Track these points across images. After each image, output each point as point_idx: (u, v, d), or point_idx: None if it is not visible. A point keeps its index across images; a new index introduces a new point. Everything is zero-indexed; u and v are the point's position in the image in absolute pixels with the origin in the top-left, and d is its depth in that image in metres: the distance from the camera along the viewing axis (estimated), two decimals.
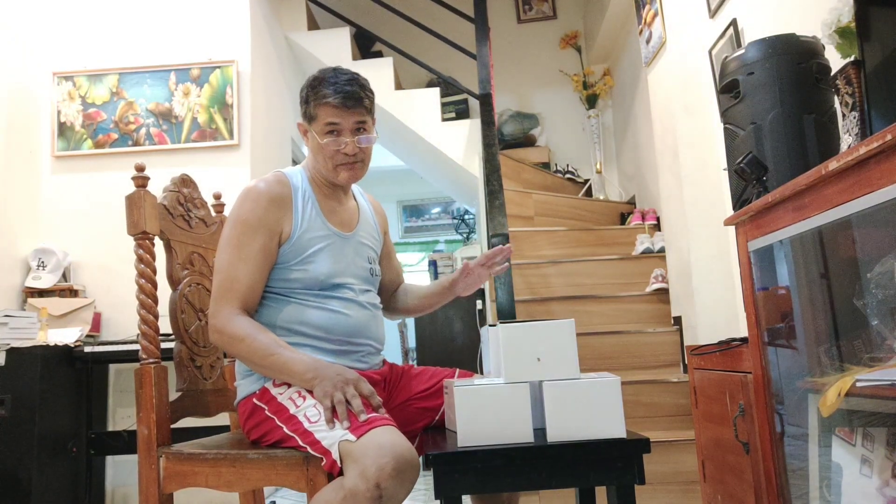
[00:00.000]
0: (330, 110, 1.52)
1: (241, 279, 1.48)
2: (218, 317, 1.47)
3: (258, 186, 1.55)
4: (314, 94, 1.54)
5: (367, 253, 1.67)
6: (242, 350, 1.45)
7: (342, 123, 1.53)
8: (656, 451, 2.47)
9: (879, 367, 1.22)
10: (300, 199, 1.57)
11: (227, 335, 1.46)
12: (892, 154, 1.05)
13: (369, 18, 4.72)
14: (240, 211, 1.52)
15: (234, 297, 1.47)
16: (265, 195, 1.53)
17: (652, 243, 3.70)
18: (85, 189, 3.44)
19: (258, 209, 1.51)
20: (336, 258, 1.57)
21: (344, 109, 1.52)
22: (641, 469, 1.22)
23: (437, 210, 8.23)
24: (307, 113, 1.57)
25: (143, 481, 1.48)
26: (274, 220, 1.52)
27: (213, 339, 1.50)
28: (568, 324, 1.29)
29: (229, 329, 1.45)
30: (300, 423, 1.37)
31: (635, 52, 4.07)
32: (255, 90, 3.60)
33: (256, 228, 1.50)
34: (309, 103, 1.56)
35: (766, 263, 1.60)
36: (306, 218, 1.56)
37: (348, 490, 1.20)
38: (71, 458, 2.86)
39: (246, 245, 1.49)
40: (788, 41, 1.67)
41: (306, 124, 1.59)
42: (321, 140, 1.54)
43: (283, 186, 1.56)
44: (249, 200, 1.53)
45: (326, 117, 1.53)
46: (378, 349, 1.64)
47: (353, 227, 1.65)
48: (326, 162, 1.56)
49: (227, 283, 1.48)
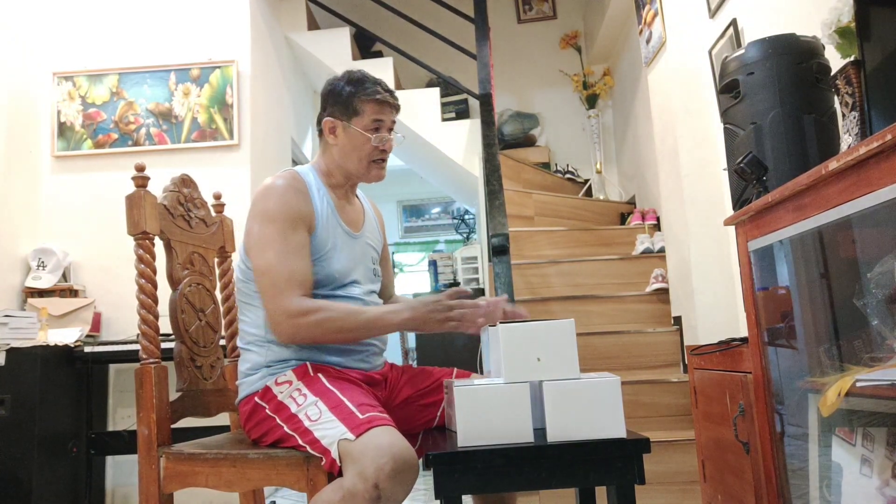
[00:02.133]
0: (376, 106, 1.57)
1: (297, 270, 1.46)
2: (290, 308, 1.42)
3: (278, 182, 1.54)
4: (361, 90, 1.57)
5: (371, 254, 1.69)
6: (333, 325, 1.43)
7: (385, 121, 1.58)
8: (656, 451, 2.47)
9: (879, 367, 1.22)
10: (316, 195, 1.57)
11: (310, 319, 1.42)
12: (892, 154, 1.05)
13: (369, 18, 4.72)
14: (269, 207, 1.50)
15: (296, 289, 1.44)
16: (290, 188, 1.53)
17: (652, 243, 3.70)
18: (85, 189, 3.44)
19: (289, 202, 1.50)
20: (348, 257, 1.58)
21: (388, 107, 1.58)
22: (641, 469, 1.22)
23: (437, 210, 8.23)
24: (350, 108, 1.57)
25: (144, 481, 1.48)
26: (305, 211, 1.53)
27: (290, 331, 1.43)
28: (568, 324, 1.29)
29: (308, 312, 1.42)
30: (300, 421, 1.37)
31: (635, 52, 4.07)
32: (255, 90, 3.60)
33: (295, 221, 1.49)
34: (354, 97, 1.57)
35: (766, 263, 1.60)
36: (324, 214, 1.57)
37: (347, 490, 1.21)
38: (71, 458, 2.86)
39: (290, 238, 1.48)
40: (788, 41, 1.67)
41: (344, 120, 1.58)
42: (366, 134, 1.56)
43: (300, 182, 1.57)
44: (276, 196, 1.51)
45: (374, 113, 1.57)
46: (381, 350, 1.65)
47: (360, 227, 1.67)
48: (362, 159, 1.58)
49: (284, 277, 1.44)
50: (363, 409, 1.33)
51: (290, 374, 1.48)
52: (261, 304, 1.53)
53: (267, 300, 1.46)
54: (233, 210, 2.05)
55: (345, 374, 1.51)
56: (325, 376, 1.46)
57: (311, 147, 4.96)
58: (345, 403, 1.36)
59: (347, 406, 1.35)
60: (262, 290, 1.48)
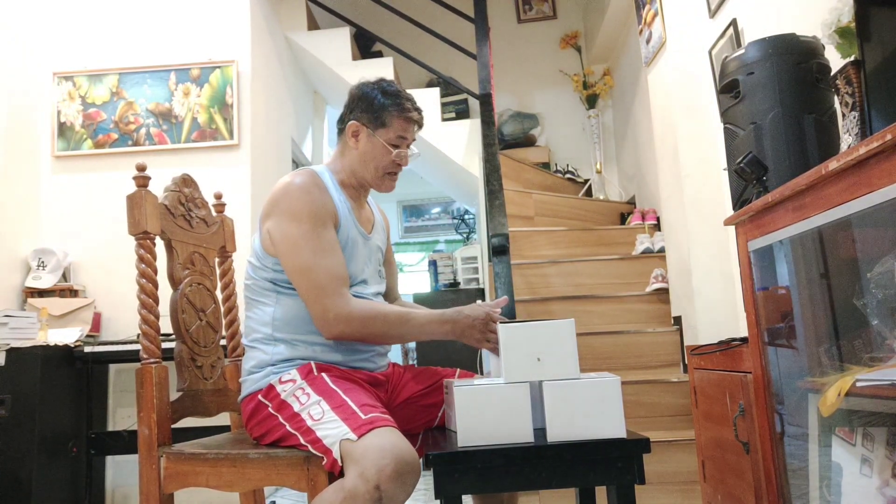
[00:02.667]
0: (406, 125, 1.61)
1: (335, 268, 1.48)
2: (338, 308, 1.44)
3: (297, 180, 1.54)
4: (395, 105, 1.59)
5: (378, 256, 1.71)
6: (378, 327, 1.46)
7: (408, 138, 1.62)
8: (656, 451, 2.48)
9: (879, 367, 1.22)
10: (335, 194, 1.58)
11: (358, 320, 1.45)
12: (892, 154, 1.05)
13: (369, 18, 4.72)
14: (295, 205, 1.50)
15: (339, 287, 1.46)
16: (313, 185, 1.54)
17: (652, 243, 3.70)
18: (85, 189, 3.44)
19: (315, 199, 1.52)
20: (361, 257, 1.61)
21: (415, 125, 1.63)
22: (641, 469, 1.22)
23: (437, 210, 8.23)
24: (379, 118, 1.59)
25: (144, 481, 1.48)
26: (331, 207, 1.54)
27: (338, 329, 1.45)
28: (568, 324, 1.29)
29: (357, 313, 1.45)
30: (303, 420, 1.37)
31: (635, 52, 4.07)
32: (255, 90, 3.60)
33: (323, 217, 1.51)
34: (385, 110, 1.59)
35: (766, 263, 1.60)
36: (343, 213, 1.58)
37: (348, 491, 1.21)
38: (71, 458, 2.86)
39: (322, 236, 1.49)
40: (788, 41, 1.67)
41: (370, 128, 1.60)
42: (388, 147, 1.59)
43: (320, 180, 1.57)
44: (300, 193, 1.51)
45: (401, 129, 1.60)
46: (386, 350, 1.67)
47: (371, 230, 1.69)
48: (378, 169, 1.61)
49: (325, 277, 1.45)
50: (366, 409, 1.33)
51: (293, 372, 1.48)
52: (271, 302, 1.54)
53: (311, 301, 1.46)
54: (233, 210, 2.05)
55: (348, 374, 1.51)
56: (329, 376, 1.46)
57: (311, 147, 4.96)
58: (347, 403, 1.36)
59: (350, 406, 1.35)
60: (302, 290, 1.48)
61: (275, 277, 1.54)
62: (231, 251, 1.95)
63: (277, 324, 1.52)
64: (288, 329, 1.52)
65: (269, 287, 1.55)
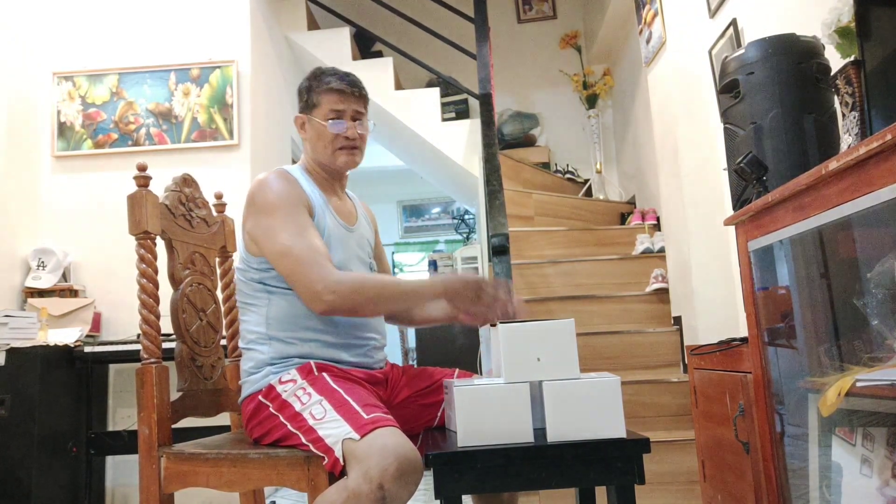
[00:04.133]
0: (334, 96, 1.59)
1: (316, 244, 1.46)
2: (326, 278, 1.40)
3: (270, 176, 1.56)
4: (317, 83, 1.61)
5: (367, 248, 1.71)
6: (369, 292, 1.44)
7: (345, 109, 1.60)
8: (656, 451, 2.47)
9: (879, 367, 1.22)
10: (307, 188, 1.59)
11: (348, 286, 1.42)
12: (892, 154, 1.05)
13: (369, 18, 4.72)
14: (268, 198, 1.51)
15: (323, 259, 1.44)
16: (283, 178, 1.55)
17: (652, 243, 3.70)
18: (85, 189, 3.44)
19: (286, 188, 1.52)
20: (344, 250, 1.60)
21: (347, 96, 1.60)
22: (641, 469, 1.22)
23: (437, 210, 8.23)
24: (308, 102, 1.62)
25: (144, 481, 1.48)
26: (303, 196, 1.55)
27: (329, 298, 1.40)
28: (568, 324, 1.29)
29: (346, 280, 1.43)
30: (304, 420, 1.37)
31: (635, 52, 4.07)
32: (255, 90, 3.60)
33: (297, 205, 1.51)
34: (311, 92, 1.61)
35: (766, 263, 1.60)
36: (318, 203, 1.58)
37: (351, 491, 1.20)
38: (71, 458, 2.86)
39: (298, 220, 1.49)
40: (788, 41, 1.67)
41: (305, 115, 1.63)
42: (324, 123, 1.58)
43: (290, 175, 1.59)
44: (272, 186, 1.52)
45: (330, 103, 1.59)
46: (382, 344, 1.66)
47: (353, 222, 1.69)
48: (326, 147, 1.60)
49: (306, 252, 1.43)
50: (368, 409, 1.33)
51: (294, 372, 1.48)
52: (263, 303, 1.53)
53: (296, 279, 1.44)
54: (233, 210, 2.05)
55: (348, 373, 1.51)
56: (330, 375, 1.46)
57: None
58: (349, 403, 1.35)
59: (352, 406, 1.34)
60: (287, 272, 1.45)
61: (262, 277, 1.54)
62: (231, 251, 1.95)
63: (272, 323, 1.53)
64: (282, 327, 1.52)
65: (260, 288, 1.55)
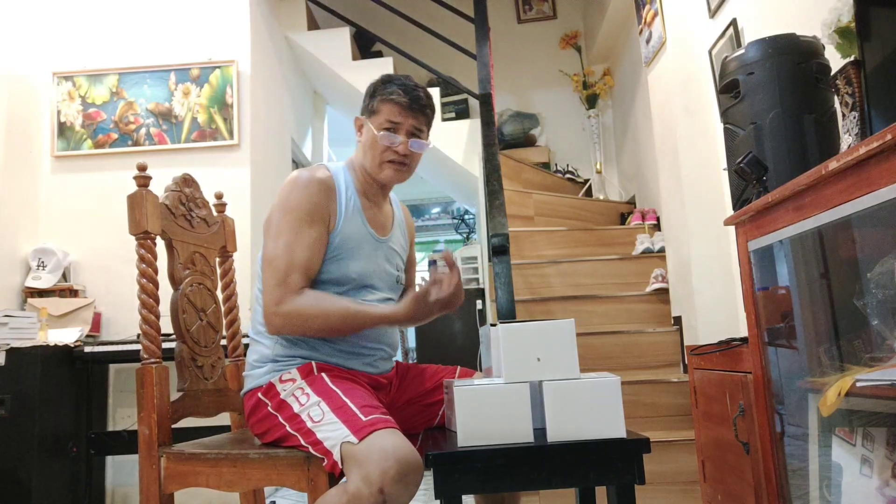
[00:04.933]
0: (393, 107, 1.56)
1: (301, 263, 1.45)
2: (281, 304, 1.42)
3: (303, 175, 1.54)
4: (382, 90, 1.57)
5: (396, 261, 1.67)
6: (316, 326, 1.44)
7: (401, 123, 1.56)
8: (656, 451, 2.47)
9: (879, 367, 1.22)
10: (343, 193, 1.57)
11: (298, 318, 1.43)
12: (892, 154, 1.05)
13: (369, 18, 4.72)
14: (291, 198, 1.50)
15: (296, 281, 1.44)
16: (316, 183, 1.52)
17: (652, 243, 3.70)
18: (85, 189, 3.44)
19: (311, 196, 1.50)
20: (368, 259, 1.57)
21: (407, 110, 1.56)
22: (641, 469, 1.22)
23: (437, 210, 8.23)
24: (370, 106, 1.59)
25: (144, 481, 1.48)
26: (325, 208, 1.52)
27: (277, 324, 1.43)
28: (568, 324, 1.29)
29: (296, 313, 1.42)
30: (303, 422, 1.37)
31: (635, 52, 4.07)
32: (255, 90, 3.60)
33: (312, 215, 1.49)
34: (374, 97, 1.58)
35: (766, 263, 1.60)
36: (349, 213, 1.56)
37: (352, 495, 1.20)
38: (71, 458, 2.86)
39: (303, 232, 1.47)
40: (788, 41, 1.67)
41: (365, 118, 1.60)
42: (377, 133, 1.55)
43: (328, 177, 1.56)
44: (300, 187, 1.51)
45: (388, 114, 1.56)
46: (391, 355, 1.64)
47: (387, 231, 1.65)
48: (375, 157, 1.57)
49: (286, 268, 1.44)
50: (366, 410, 1.33)
51: (294, 372, 1.47)
52: None
53: (265, 289, 1.46)
54: (233, 210, 2.05)
55: (349, 374, 1.50)
56: (329, 376, 1.45)
57: (311, 147, 4.96)
58: (348, 405, 1.35)
59: (350, 408, 1.34)
60: (263, 276, 1.48)
61: None
62: (232, 251, 1.94)
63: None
64: None
65: None
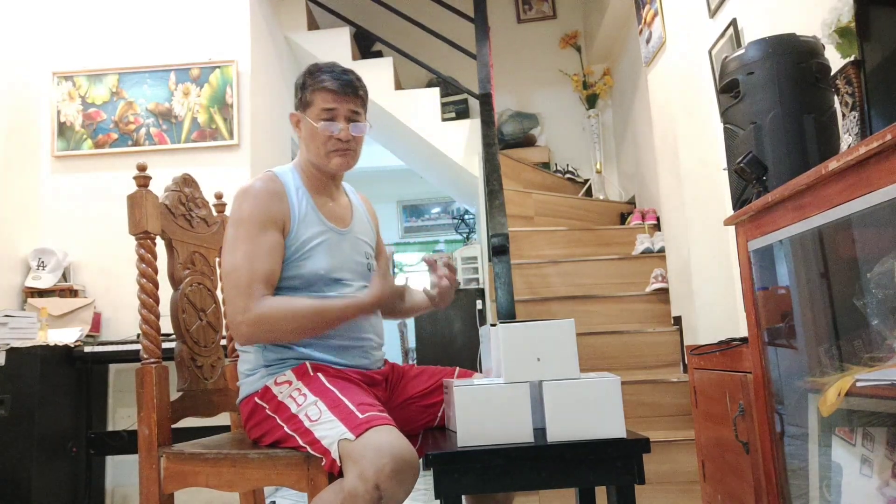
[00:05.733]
0: (327, 95, 1.55)
1: (261, 271, 1.45)
2: (248, 312, 1.41)
3: (254, 185, 1.55)
4: (312, 81, 1.57)
5: (364, 248, 1.68)
6: (288, 328, 1.44)
7: (338, 109, 1.56)
8: (656, 451, 2.48)
9: (879, 367, 1.22)
10: (294, 194, 1.57)
11: (267, 323, 1.42)
12: (892, 154, 1.05)
13: (369, 18, 4.72)
14: (243, 210, 1.51)
15: (259, 290, 1.44)
16: (263, 191, 1.53)
17: (652, 243, 3.70)
18: (85, 189, 3.44)
19: (261, 205, 1.51)
20: (333, 253, 1.57)
21: (340, 95, 1.55)
22: (641, 469, 1.22)
23: (437, 210, 8.23)
24: (303, 100, 1.59)
25: (144, 481, 1.48)
26: (278, 213, 1.52)
27: (246, 333, 1.43)
28: (568, 324, 1.29)
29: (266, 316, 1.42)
30: (300, 422, 1.37)
31: (635, 52, 4.07)
32: (255, 90, 3.60)
33: (265, 223, 1.49)
34: (305, 90, 1.58)
35: (766, 263, 1.60)
36: (302, 213, 1.56)
37: (347, 492, 1.20)
38: (71, 458, 2.86)
39: (259, 240, 1.48)
40: (788, 41, 1.67)
41: (300, 113, 1.60)
42: (316, 124, 1.55)
43: (277, 183, 1.57)
44: (250, 198, 1.52)
45: (323, 103, 1.55)
46: (380, 344, 1.65)
47: (347, 222, 1.65)
48: (319, 148, 1.57)
49: (246, 278, 1.43)
50: (363, 408, 1.33)
51: (289, 373, 1.48)
52: None
53: (228, 302, 1.46)
54: None
55: (344, 373, 1.50)
56: (325, 376, 1.46)
57: None
58: (344, 403, 1.35)
59: (347, 405, 1.34)
60: (225, 289, 1.48)
61: None
62: None
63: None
64: None
65: None
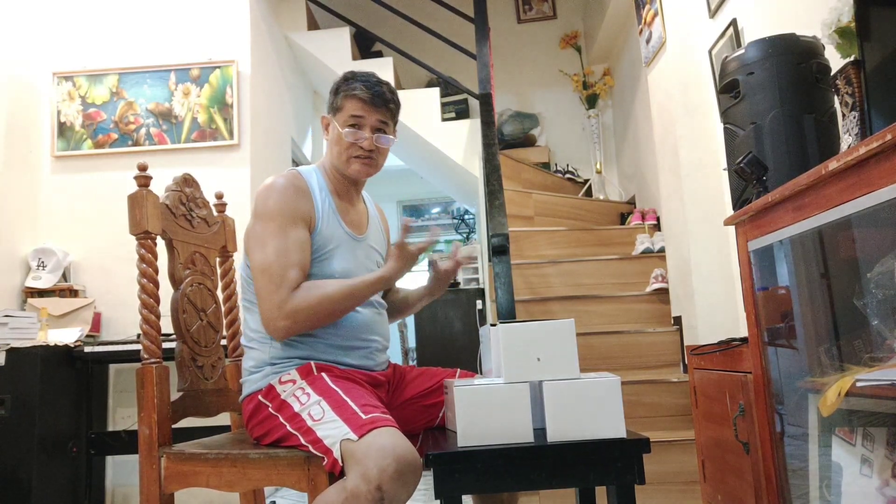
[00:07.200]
0: (356, 103, 1.57)
1: (296, 263, 1.46)
2: (282, 307, 1.42)
3: (278, 181, 1.54)
4: (345, 87, 1.59)
5: (376, 258, 1.69)
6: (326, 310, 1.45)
7: (365, 118, 1.58)
8: (656, 451, 2.47)
9: (879, 367, 1.22)
10: (318, 194, 1.58)
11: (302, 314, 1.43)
12: (892, 154, 1.05)
13: (369, 18, 4.72)
14: (269, 205, 1.50)
15: (293, 284, 1.44)
16: (290, 186, 1.54)
17: (652, 243, 3.70)
18: (85, 189, 3.44)
19: (289, 200, 1.51)
20: (347, 259, 1.58)
21: (369, 105, 1.57)
22: (641, 469, 1.22)
23: (437, 210, 8.22)
24: (334, 104, 1.61)
25: (145, 481, 1.48)
26: (305, 209, 1.53)
27: (284, 327, 1.43)
28: (568, 324, 1.29)
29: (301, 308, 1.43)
30: (303, 421, 1.37)
31: (635, 52, 4.07)
32: (255, 90, 3.60)
33: (294, 218, 1.50)
34: (338, 94, 1.60)
35: (766, 263, 1.60)
36: (325, 213, 1.57)
37: (350, 492, 1.20)
38: (71, 458, 2.86)
39: (289, 234, 1.48)
40: (788, 41, 1.68)
41: (330, 116, 1.62)
42: (342, 130, 1.57)
43: (301, 180, 1.57)
44: (276, 193, 1.52)
45: (352, 110, 1.57)
46: (385, 346, 1.65)
47: (363, 230, 1.67)
48: (341, 153, 1.59)
49: (282, 271, 1.44)
50: (366, 409, 1.33)
51: (293, 373, 1.48)
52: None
53: (261, 300, 1.46)
54: (233, 210, 2.05)
55: (349, 374, 1.51)
56: (329, 376, 1.46)
57: (312, 147, 4.96)
58: (348, 403, 1.35)
59: (350, 406, 1.34)
60: (257, 289, 1.47)
61: None
62: (232, 251, 1.95)
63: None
64: None
65: None
